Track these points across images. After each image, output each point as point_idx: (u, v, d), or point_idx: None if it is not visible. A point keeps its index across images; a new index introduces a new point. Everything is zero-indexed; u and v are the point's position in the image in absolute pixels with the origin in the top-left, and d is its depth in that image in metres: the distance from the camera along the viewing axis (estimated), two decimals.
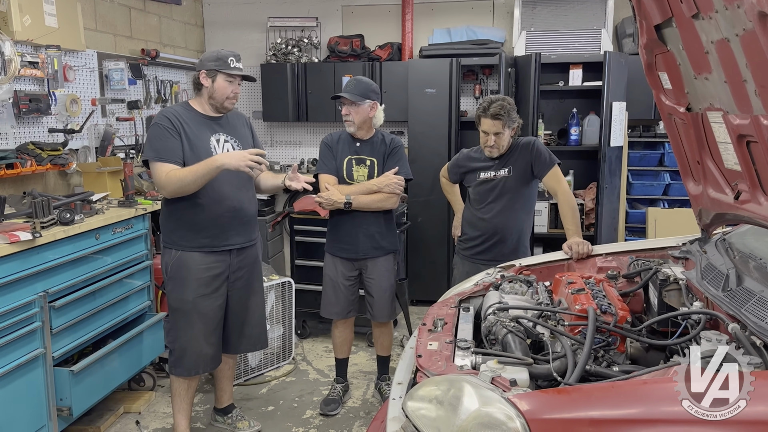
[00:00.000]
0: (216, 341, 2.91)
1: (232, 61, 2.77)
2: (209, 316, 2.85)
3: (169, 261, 2.82)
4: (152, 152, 2.71)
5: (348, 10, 5.46)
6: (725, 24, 1.56)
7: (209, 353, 2.89)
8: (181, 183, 2.65)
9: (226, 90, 2.78)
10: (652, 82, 2.20)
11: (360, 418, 3.34)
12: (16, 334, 2.58)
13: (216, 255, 2.82)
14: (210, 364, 2.93)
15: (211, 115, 2.85)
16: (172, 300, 2.85)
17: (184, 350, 2.85)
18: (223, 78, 2.76)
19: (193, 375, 2.91)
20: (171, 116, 2.74)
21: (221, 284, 2.87)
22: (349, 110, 3.14)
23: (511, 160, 3.12)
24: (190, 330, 2.83)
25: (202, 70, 2.77)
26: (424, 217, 4.92)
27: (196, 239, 2.79)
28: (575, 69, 4.75)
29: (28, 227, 2.69)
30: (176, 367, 2.89)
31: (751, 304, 1.63)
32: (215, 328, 2.89)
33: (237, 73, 2.78)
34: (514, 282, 2.29)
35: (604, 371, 1.61)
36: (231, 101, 2.83)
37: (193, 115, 2.80)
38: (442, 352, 1.74)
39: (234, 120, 2.95)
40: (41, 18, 3.47)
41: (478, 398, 1.37)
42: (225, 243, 2.84)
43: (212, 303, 2.84)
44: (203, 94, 2.82)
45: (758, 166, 1.74)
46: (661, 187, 5.02)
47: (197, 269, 2.79)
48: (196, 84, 2.82)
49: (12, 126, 3.31)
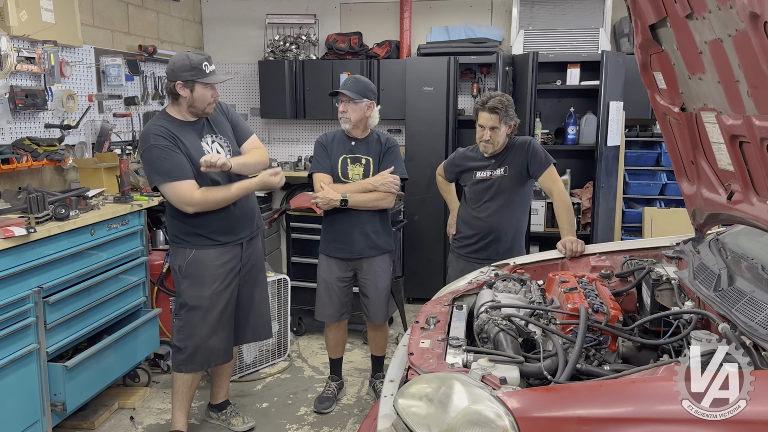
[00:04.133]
0: (229, 335, 2.96)
1: (206, 66, 2.70)
2: (225, 310, 2.89)
3: (183, 260, 2.83)
4: (162, 176, 2.67)
5: (346, 8, 5.45)
6: (718, 24, 1.56)
7: (222, 347, 2.94)
8: (218, 203, 2.74)
9: (206, 97, 2.74)
10: (647, 82, 2.21)
11: (354, 416, 3.34)
12: (10, 329, 2.58)
13: (230, 249, 2.87)
14: (223, 357, 2.97)
15: (192, 120, 2.81)
16: (188, 298, 2.84)
17: (198, 346, 2.87)
18: (201, 86, 2.70)
19: (205, 369, 2.96)
20: (163, 133, 2.69)
21: (234, 278, 2.92)
22: (346, 107, 3.13)
23: (507, 159, 3.12)
24: (207, 326, 2.85)
25: (178, 81, 2.68)
26: (421, 215, 4.93)
27: (210, 236, 2.82)
28: (573, 68, 4.75)
29: (23, 222, 2.69)
30: (188, 364, 2.88)
31: (742, 304, 1.64)
32: (228, 322, 2.94)
33: (214, 81, 2.72)
34: (507, 280, 2.30)
35: (594, 370, 1.62)
36: (212, 105, 2.79)
37: (177, 125, 2.76)
38: (434, 349, 1.75)
39: (214, 116, 2.89)
40: (38, 13, 3.46)
41: (468, 396, 1.38)
42: (237, 237, 2.89)
43: (227, 297, 2.89)
44: (182, 104, 2.75)
45: (750, 166, 1.75)
46: (657, 186, 5.03)
47: (213, 265, 2.82)
48: (172, 94, 2.73)
49: (8, 121, 3.31)
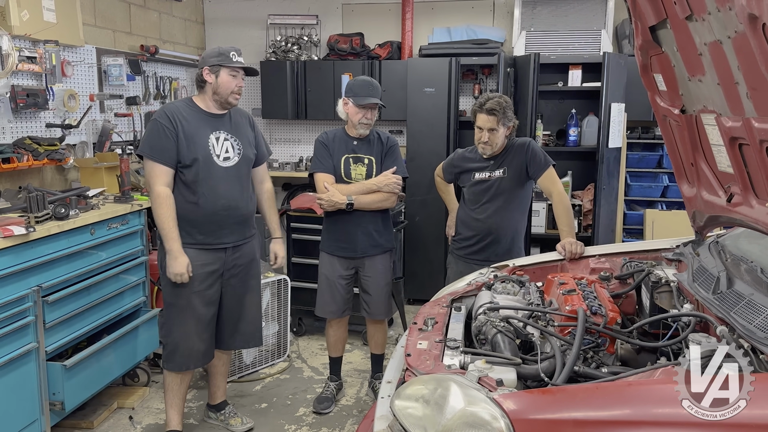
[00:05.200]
0: (208, 337, 2.92)
1: (234, 55, 2.79)
2: (202, 313, 2.85)
3: (164, 256, 2.82)
4: (147, 149, 2.74)
5: (348, 8, 5.45)
6: (718, 26, 1.55)
7: (201, 349, 2.90)
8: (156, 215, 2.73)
9: (231, 84, 2.79)
10: (647, 84, 2.20)
11: (353, 417, 3.34)
12: (9, 328, 2.58)
13: (211, 252, 2.83)
14: (201, 360, 2.94)
15: (214, 113, 2.85)
16: (166, 295, 2.87)
17: (176, 345, 2.87)
18: (226, 72, 2.78)
19: (184, 370, 2.91)
20: (170, 113, 2.75)
21: (215, 281, 2.87)
22: (373, 115, 3.17)
23: (506, 161, 3.12)
24: (182, 325, 2.84)
25: (205, 66, 2.78)
26: (422, 216, 4.92)
27: (191, 236, 2.79)
28: (574, 69, 4.74)
29: (23, 222, 2.70)
30: (168, 362, 2.90)
31: (740, 307, 1.63)
32: (208, 325, 2.90)
33: (240, 66, 2.80)
34: (506, 282, 2.29)
35: (592, 372, 1.61)
36: (235, 96, 2.84)
37: (194, 112, 2.81)
38: (431, 351, 1.74)
39: (237, 118, 2.94)
40: (40, 13, 3.47)
41: (464, 398, 1.37)
42: (219, 241, 2.84)
43: (206, 299, 2.85)
44: (207, 91, 2.83)
45: (750, 169, 1.74)
46: (659, 188, 5.02)
47: (192, 266, 2.79)
48: (200, 81, 2.83)
49: (9, 120, 3.32)
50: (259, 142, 3.05)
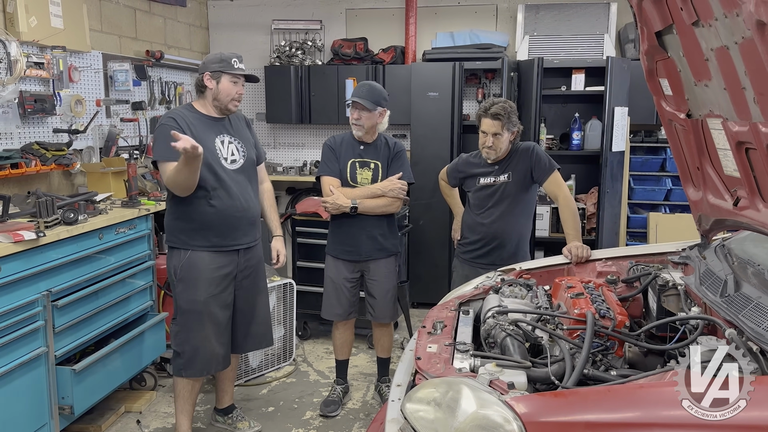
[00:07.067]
0: (226, 341, 2.94)
1: (235, 62, 2.81)
2: (220, 316, 2.87)
3: (178, 262, 2.83)
4: (159, 153, 2.75)
5: (352, 14, 5.48)
6: (725, 32, 1.57)
7: (221, 353, 2.91)
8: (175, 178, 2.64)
9: (231, 91, 2.81)
10: (652, 88, 2.21)
11: (359, 420, 3.35)
12: (19, 332, 2.60)
13: (226, 254, 2.86)
14: (222, 364, 2.95)
15: (215, 117, 2.88)
16: (182, 301, 2.85)
17: (196, 351, 2.86)
18: (227, 79, 2.79)
19: (204, 375, 2.93)
20: (177, 117, 2.77)
21: (229, 284, 2.90)
22: (360, 115, 3.16)
23: (511, 165, 3.13)
24: (202, 330, 2.84)
25: (206, 72, 2.80)
26: (426, 220, 4.94)
27: (206, 239, 2.81)
28: (578, 74, 4.77)
29: (32, 227, 2.71)
30: (187, 369, 2.88)
31: (749, 310, 1.64)
32: (225, 328, 2.92)
33: (241, 73, 2.81)
34: (513, 286, 2.30)
35: (601, 375, 1.62)
36: (235, 102, 2.86)
37: (197, 117, 2.83)
38: (441, 354, 1.75)
39: (236, 120, 2.98)
40: (47, 19, 3.49)
41: (476, 401, 1.38)
42: (234, 242, 2.87)
43: (222, 303, 2.87)
44: (207, 96, 2.85)
45: (757, 173, 1.75)
46: (662, 192, 5.03)
47: (208, 269, 2.81)
48: (200, 86, 2.85)
49: (17, 126, 3.34)
50: (257, 143, 3.08)
